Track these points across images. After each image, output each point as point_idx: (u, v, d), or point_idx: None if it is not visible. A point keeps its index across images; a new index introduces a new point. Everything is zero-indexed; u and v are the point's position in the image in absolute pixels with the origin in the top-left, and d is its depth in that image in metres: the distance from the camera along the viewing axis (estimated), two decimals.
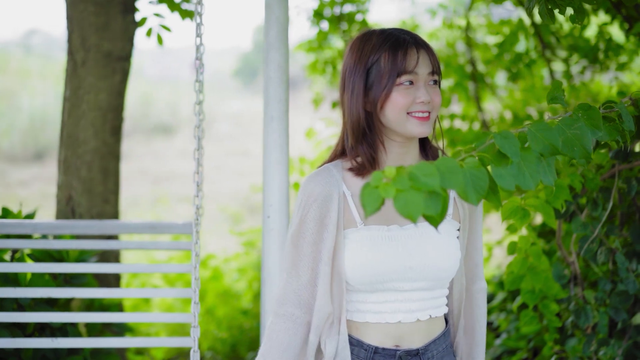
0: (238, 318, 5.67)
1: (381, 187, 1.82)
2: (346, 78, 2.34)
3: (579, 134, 2.14)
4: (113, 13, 4.46)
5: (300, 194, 2.33)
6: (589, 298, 3.36)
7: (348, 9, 5.75)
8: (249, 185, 7.32)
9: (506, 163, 2.04)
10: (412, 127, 2.28)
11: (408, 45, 2.28)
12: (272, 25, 3.05)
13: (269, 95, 3.05)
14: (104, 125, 4.49)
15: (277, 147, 3.04)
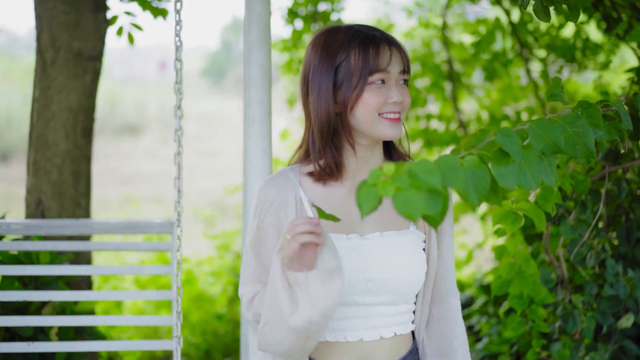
0: (212, 323, 5.54)
1: (379, 185, 1.73)
2: (310, 77, 2.18)
3: (581, 132, 2.06)
4: (84, 11, 4.33)
5: (255, 199, 2.22)
6: (577, 302, 3.30)
7: (323, 7, 5.65)
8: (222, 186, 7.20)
9: (507, 162, 1.95)
10: (383, 129, 2.15)
11: (380, 42, 2.15)
12: (254, 23, 2.93)
13: (250, 96, 2.93)
14: (74, 127, 4.36)
15: (259, 150, 2.92)
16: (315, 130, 2.17)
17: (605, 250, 3.21)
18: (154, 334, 5.65)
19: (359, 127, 2.15)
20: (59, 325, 3.53)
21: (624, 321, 3.28)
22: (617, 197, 3.19)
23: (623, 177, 3.19)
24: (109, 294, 3.74)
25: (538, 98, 5.86)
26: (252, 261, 2.20)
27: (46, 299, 3.32)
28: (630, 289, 3.17)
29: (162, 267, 3.33)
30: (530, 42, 5.80)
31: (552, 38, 5.56)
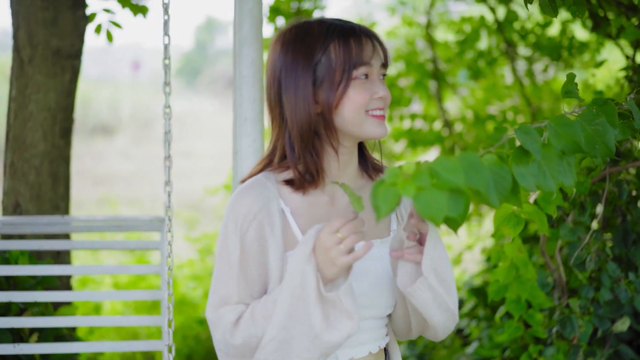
0: (194, 327, 5.41)
1: (400, 184, 1.62)
2: (283, 77, 1.98)
3: (601, 130, 1.97)
4: (62, 8, 4.20)
5: (231, 212, 1.98)
6: (574, 307, 3.22)
7: (306, 5, 5.54)
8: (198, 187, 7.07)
9: (527, 161, 1.85)
10: (370, 128, 1.99)
11: (360, 33, 1.99)
12: (245, 18, 2.81)
13: (242, 95, 2.80)
14: (53, 127, 4.22)
15: (252, 151, 2.79)
16: (294, 134, 1.98)
17: (607, 254, 3.13)
18: (134, 337, 5.50)
19: (344, 127, 1.98)
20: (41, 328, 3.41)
21: (620, 325, 3.21)
22: (618, 198, 3.12)
23: (624, 178, 3.11)
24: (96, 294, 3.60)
25: (524, 97, 5.80)
26: (232, 281, 1.95)
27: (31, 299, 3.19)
28: (631, 293, 3.10)
29: (151, 266, 3.21)
30: (516, 41, 5.74)
31: (538, 37, 5.50)
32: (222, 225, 2.02)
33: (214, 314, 1.97)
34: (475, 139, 5.86)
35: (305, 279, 1.83)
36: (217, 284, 1.98)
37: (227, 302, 1.95)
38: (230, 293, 1.95)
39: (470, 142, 5.89)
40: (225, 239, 1.98)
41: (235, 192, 2.01)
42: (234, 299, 1.95)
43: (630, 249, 3.23)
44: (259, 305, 1.92)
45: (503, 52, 5.83)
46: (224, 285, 1.96)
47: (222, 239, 1.98)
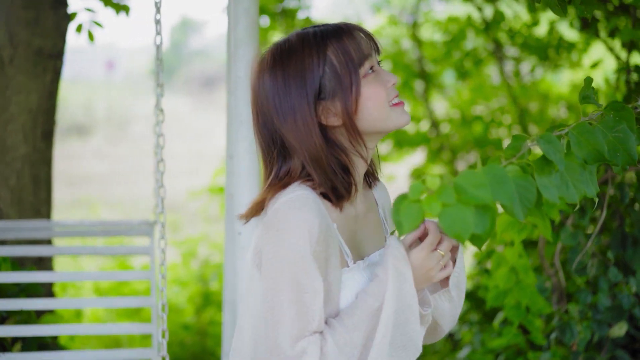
0: (179, 333, 5.31)
1: (425, 201, 1.54)
2: (278, 105, 1.83)
3: (622, 137, 1.89)
4: (43, 7, 4.07)
5: (298, 230, 1.76)
6: (573, 312, 3.16)
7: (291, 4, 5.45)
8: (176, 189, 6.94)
9: (549, 172, 1.77)
10: (396, 119, 1.88)
11: (349, 29, 1.86)
12: (241, 18, 2.71)
13: (238, 97, 2.70)
14: (34, 130, 4.09)
15: (248, 155, 2.69)
16: (307, 161, 1.84)
17: (608, 259, 3.08)
18: (115, 344, 5.38)
19: (370, 127, 1.87)
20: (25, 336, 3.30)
21: (617, 330, 3.16)
22: (620, 202, 3.06)
23: (625, 182, 3.06)
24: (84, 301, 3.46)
25: (511, 97, 5.76)
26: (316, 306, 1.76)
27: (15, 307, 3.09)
28: (633, 299, 3.05)
29: (142, 272, 3.11)
30: (503, 41, 5.69)
31: (525, 37, 5.46)
32: (282, 248, 1.77)
33: (293, 349, 1.74)
34: (462, 140, 5.81)
35: (411, 305, 1.79)
36: (294, 314, 1.75)
37: (304, 333, 1.76)
38: (309, 322, 1.76)
39: (457, 142, 5.85)
40: (300, 263, 1.76)
41: (292, 209, 1.78)
42: (312, 328, 1.76)
43: (628, 252, 3.18)
44: (338, 332, 1.77)
45: (490, 52, 5.77)
46: (304, 314, 1.75)
47: (295, 263, 1.76)
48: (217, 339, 5.27)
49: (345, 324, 1.78)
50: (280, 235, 1.77)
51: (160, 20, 2.83)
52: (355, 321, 1.78)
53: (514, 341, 3.22)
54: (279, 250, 1.77)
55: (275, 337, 1.76)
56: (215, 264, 5.93)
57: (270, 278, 1.78)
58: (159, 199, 2.86)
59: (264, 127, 1.88)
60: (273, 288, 1.77)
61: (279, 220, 1.78)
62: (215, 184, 6.29)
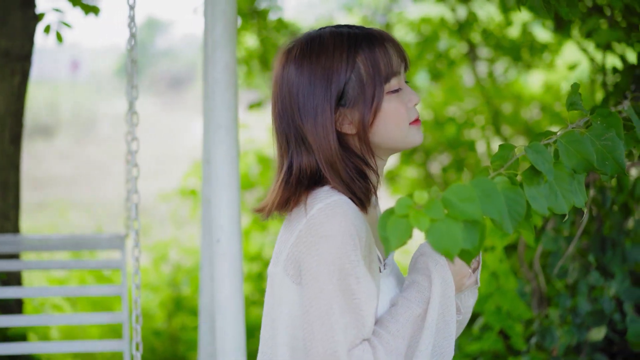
0: (149, 339, 5.22)
1: (412, 216, 1.49)
2: (301, 101, 1.80)
3: (611, 145, 1.86)
4: (10, 7, 3.99)
5: (347, 240, 1.70)
6: (553, 317, 3.14)
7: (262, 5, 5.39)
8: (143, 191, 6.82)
9: (538, 182, 1.74)
10: (413, 138, 1.85)
11: (382, 40, 1.81)
12: (218, 20, 2.65)
13: (216, 100, 2.64)
14: (2, 133, 4.01)
15: (227, 159, 2.63)
16: (323, 164, 1.80)
17: (589, 263, 3.06)
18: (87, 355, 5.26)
19: (385, 142, 1.83)
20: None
21: (595, 334, 3.15)
22: (602, 205, 3.04)
23: (606, 185, 3.04)
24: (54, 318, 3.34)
25: (484, 98, 5.75)
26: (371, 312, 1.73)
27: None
28: (614, 303, 3.04)
29: (112, 287, 3.03)
30: (476, 42, 5.68)
31: (498, 38, 5.45)
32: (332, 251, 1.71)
33: (350, 357, 1.69)
34: (435, 141, 5.78)
35: (451, 311, 1.80)
36: (348, 321, 1.71)
37: (357, 339, 1.71)
38: (364, 326, 1.72)
39: (430, 144, 5.81)
40: (351, 270, 1.71)
41: (338, 215, 1.72)
42: (365, 333, 1.73)
43: (607, 255, 3.17)
44: (385, 339, 1.74)
45: (463, 53, 5.76)
46: (359, 320, 1.71)
47: (347, 270, 1.70)
48: (189, 345, 5.19)
49: (390, 331, 1.75)
50: (325, 242, 1.71)
51: (134, 18, 2.76)
52: (399, 328, 1.75)
53: (494, 347, 3.19)
54: (327, 257, 1.71)
55: (328, 346, 1.70)
56: (187, 269, 5.85)
57: (318, 287, 1.72)
58: (133, 206, 2.79)
59: (283, 117, 1.84)
60: (322, 297, 1.71)
61: (322, 226, 1.73)
62: (185, 187, 6.21)
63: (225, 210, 2.62)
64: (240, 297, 2.62)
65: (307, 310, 1.73)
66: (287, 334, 1.79)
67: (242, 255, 2.63)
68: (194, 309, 5.41)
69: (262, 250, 6.15)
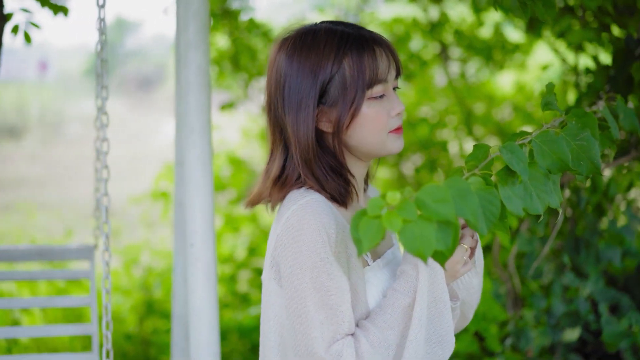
0: (120, 344, 5.15)
1: (384, 217, 1.47)
2: (286, 92, 1.83)
3: (586, 145, 1.85)
4: None
5: (317, 234, 1.73)
6: (528, 318, 3.14)
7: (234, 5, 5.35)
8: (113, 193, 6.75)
9: (512, 182, 1.73)
10: (391, 144, 1.87)
11: (374, 45, 1.83)
12: (190, 20, 2.61)
13: (189, 102, 2.60)
14: None
15: (200, 163, 2.59)
16: (297, 158, 1.84)
17: (564, 264, 3.06)
18: None
19: (362, 146, 1.86)
20: None
21: (569, 334, 3.15)
22: (577, 206, 3.04)
23: (582, 186, 3.04)
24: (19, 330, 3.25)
25: (457, 99, 5.75)
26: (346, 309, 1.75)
27: None
28: (589, 304, 3.04)
29: (81, 298, 2.97)
30: (448, 43, 5.68)
31: (470, 38, 5.45)
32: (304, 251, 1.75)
33: (328, 352, 1.72)
34: (407, 142, 5.76)
35: (443, 298, 1.80)
36: (323, 317, 1.74)
37: (336, 336, 1.74)
38: (340, 324, 1.74)
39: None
40: (322, 266, 1.74)
41: (308, 214, 1.76)
42: (343, 330, 1.74)
43: (581, 256, 3.17)
44: (371, 332, 1.76)
45: (436, 53, 5.75)
46: (333, 317, 1.74)
47: (317, 267, 1.73)
48: (160, 348, 5.14)
49: (377, 324, 1.76)
50: (298, 242, 1.75)
51: (104, 18, 2.72)
52: (387, 319, 1.77)
53: (469, 348, 3.19)
54: (298, 257, 1.75)
55: (307, 344, 1.74)
56: (158, 272, 5.79)
57: (294, 286, 1.76)
58: (103, 208, 2.74)
59: (271, 107, 1.89)
60: (298, 296, 1.75)
61: (294, 228, 1.76)
62: (157, 189, 6.15)
63: (199, 214, 2.59)
64: (214, 301, 2.59)
65: (287, 310, 1.78)
66: (276, 335, 1.82)
67: (216, 260, 2.60)
68: (166, 312, 5.36)
69: (235, 252, 6.11)
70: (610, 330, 2.90)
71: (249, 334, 5.00)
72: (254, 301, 5.61)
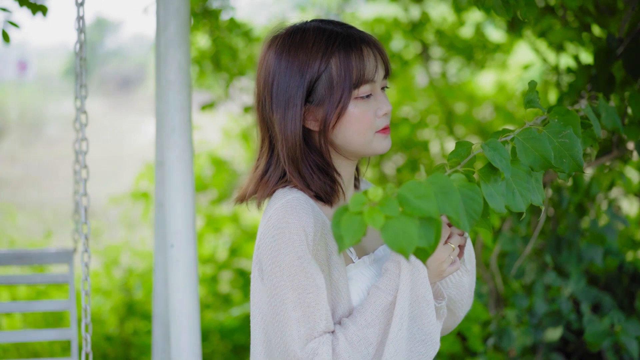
0: (101, 345, 5.12)
1: (366, 214, 1.45)
2: (274, 90, 1.85)
3: (568, 143, 1.84)
4: None
5: (295, 234, 1.76)
6: (510, 317, 3.14)
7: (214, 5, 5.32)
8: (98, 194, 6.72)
9: (495, 179, 1.72)
10: (377, 144, 1.88)
11: (362, 45, 1.83)
12: (171, 19, 2.58)
13: (169, 102, 2.58)
14: None
15: (181, 163, 2.56)
16: (284, 155, 1.86)
17: (546, 263, 3.06)
18: None
19: (348, 146, 1.87)
20: None
21: (551, 334, 3.15)
22: (559, 205, 3.04)
23: (564, 185, 3.04)
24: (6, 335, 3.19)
25: (438, 98, 5.75)
26: (322, 307, 1.76)
27: None
28: (571, 304, 3.04)
29: (60, 302, 2.93)
30: (429, 43, 5.68)
31: (451, 38, 5.45)
32: (281, 252, 1.77)
33: (304, 350, 1.74)
34: None
35: (426, 297, 1.78)
36: (300, 315, 1.75)
37: (312, 334, 1.75)
38: (317, 322, 1.75)
39: None
40: (298, 264, 1.75)
41: (287, 213, 1.78)
42: (320, 328, 1.76)
43: (563, 255, 3.18)
44: (350, 330, 1.77)
45: (417, 53, 5.75)
46: (309, 315, 1.75)
47: (293, 265, 1.75)
48: (141, 349, 5.10)
49: (357, 321, 1.77)
50: (276, 241, 1.77)
51: (83, 15, 2.69)
52: (367, 317, 1.77)
53: (451, 348, 3.18)
54: (277, 255, 1.77)
55: (285, 341, 1.76)
56: (139, 273, 5.75)
57: (272, 285, 1.78)
58: (82, 209, 2.71)
59: (259, 104, 1.91)
60: (277, 294, 1.77)
61: (274, 227, 1.78)
62: (137, 189, 6.11)
63: (180, 215, 2.56)
64: (195, 303, 2.57)
65: (268, 308, 1.79)
66: (261, 333, 1.84)
67: (197, 260, 2.57)
68: (146, 313, 5.32)
69: (216, 253, 6.08)
70: (592, 329, 2.90)
71: (230, 335, 4.97)
72: (235, 302, 5.59)
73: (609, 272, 3.43)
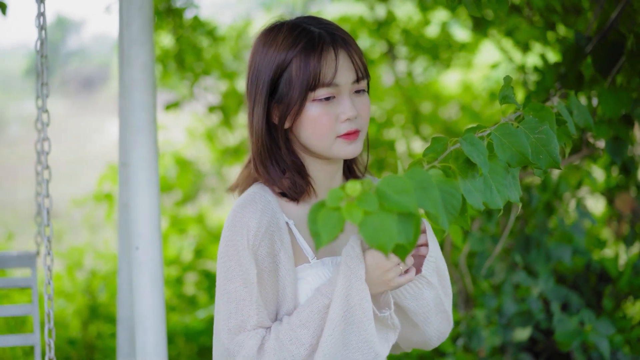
0: (64, 349, 5.02)
1: (344, 209, 1.41)
2: (250, 84, 1.88)
3: (545, 139, 1.82)
4: None
5: (239, 229, 1.79)
6: (480, 318, 3.12)
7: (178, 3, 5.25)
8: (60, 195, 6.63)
9: (472, 175, 1.69)
10: (339, 149, 1.85)
11: (324, 46, 1.80)
12: (134, 17, 2.52)
13: (133, 101, 2.51)
14: None
15: (145, 164, 2.50)
16: (254, 149, 1.88)
17: (515, 262, 3.05)
18: None
19: (311, 146, 1.86)
20: None
21: (520, 334, 3.14)
22: (529, 205, 3.03)
23: (534, 185, 3.03)
24: None
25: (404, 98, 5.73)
26: (251, 303, 1.79)
27: None
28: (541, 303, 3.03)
29: (21, 307, 2.84)
30: (394, 42, 5.66)
31: (417, 37, 5.44)
32: (226, 244, 1.82)
33: (232, 341, 1.79)
34: None
35: (362, 304, 1.73)
36: (232, 307, 1.80)
37: (244, 327, 1.79)
38: (249, 316, 1.79)
39: None
40: (236, 257, 1.80)
41: (238, 207, 1.83)
42: (252, 322, 1.79)
43: (532, 254, 3.16)
44: (283, 328, 1.78)
45: (383, 52, 5.73)
46: (241, 309, 1.80)
47: (232, 257, 1.80)
48: (105, 352, 5.03)
49: (291, 321, 1.78)
50: (225, 234, 1.82)
51: (44, 12, 2.62)
52: (302, 318, 1.77)
53: (421, 350, 3.15)
54: (221, 248, 1.82)
55: (218, 330, 1.81)
56: (102, 275, 5.66)
57: (217, 276, 1.84)
58: (44, 210, 2.64)
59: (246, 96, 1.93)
60: (217, 285, 1.83)
61: (227, 220, 1.83)
62: (100, 191, 6.02)
63: (145, 217, 2.50)
64: (161, 306, 2.51)
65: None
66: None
67: (162, 262, 2.51)
68: (110, 316, 5.24)
69: (181, 254, 6.01)
70: (562, 329, 2.89)
71: (196, 337, 4.92)
72: (201, 304, 5.53)
73: (577, 271, 3.43)
